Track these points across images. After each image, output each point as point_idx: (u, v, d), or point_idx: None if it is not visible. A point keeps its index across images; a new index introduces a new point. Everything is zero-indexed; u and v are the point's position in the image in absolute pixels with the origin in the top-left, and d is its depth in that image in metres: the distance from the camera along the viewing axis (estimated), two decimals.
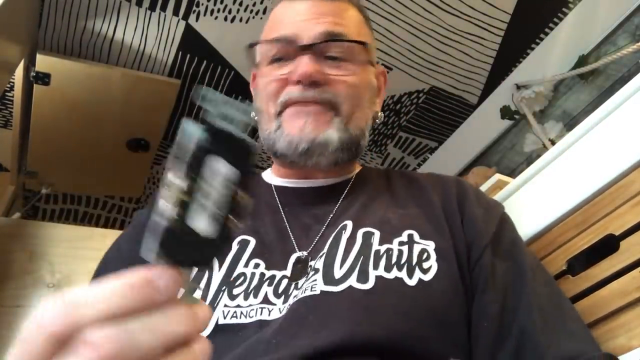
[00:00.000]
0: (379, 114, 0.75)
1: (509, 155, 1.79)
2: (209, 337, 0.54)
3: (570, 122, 1.56)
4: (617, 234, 0.67)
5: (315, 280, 0.54)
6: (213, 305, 0.56)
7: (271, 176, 0.74)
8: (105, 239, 1.17)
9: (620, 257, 0.65)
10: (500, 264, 0.60)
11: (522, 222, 0.85)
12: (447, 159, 1.99)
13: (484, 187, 1.20)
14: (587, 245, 0.71)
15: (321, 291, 0.53)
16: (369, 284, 0.53)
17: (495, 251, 0.61)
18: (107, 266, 0.67)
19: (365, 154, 2.06)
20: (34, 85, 1.49)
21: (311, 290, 0.53)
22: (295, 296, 0.54)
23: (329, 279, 0.54)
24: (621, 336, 0.62)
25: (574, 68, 1.52)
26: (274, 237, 0.62)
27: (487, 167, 1.73)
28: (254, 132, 0.72)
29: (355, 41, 0.68)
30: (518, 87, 1.68)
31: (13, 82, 1.53)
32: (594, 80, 1.50)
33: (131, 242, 0.67)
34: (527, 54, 1.66)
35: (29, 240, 1.13)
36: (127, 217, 2.26)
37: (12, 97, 1.57)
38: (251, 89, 0.79)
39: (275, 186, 0.71)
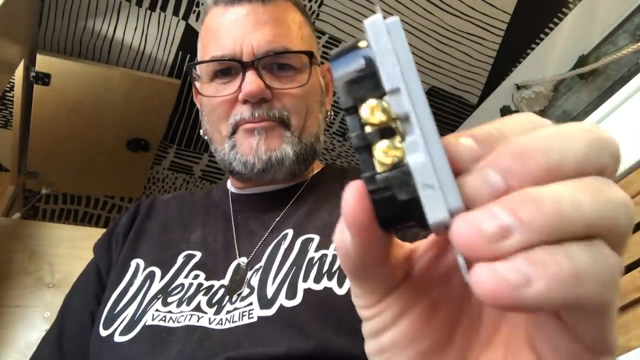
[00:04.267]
0: (329, 112, 0.75)
1: None
2: (135, 336, 0.55)
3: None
4: None
5: (250, 303, 0.54)
6: (145, 310, 0.57)
7: (230, 184, 0.75)
8: None
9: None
10: None
11: None
12: None
13: None
14: None
15: (258, 317, 0.53)
16: (297, 300, 0.53)
17: None
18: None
19: None
20: (34, 85, 1.49)
21: (249, 317, 0.53)
22: (228, 312, 0.55)
23: (262, 300, 0.54)
24: (619, 337, 0.62)
25: (574, 68, 1.52)
26: (219, 246, 0.63)
27: None
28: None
29: (300, 52, 0.66)
30: (518, 87, 1.68)
31: (13, 82, 1.53)
32: (594, 81, 1.50)
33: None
34: (527, 54, 1.66)
35: (29, 240, 1.12)
36: None
37: (12, 97, 1.57)
38: (195, 102, 0.77)
39: (232, 193, 0.72)
